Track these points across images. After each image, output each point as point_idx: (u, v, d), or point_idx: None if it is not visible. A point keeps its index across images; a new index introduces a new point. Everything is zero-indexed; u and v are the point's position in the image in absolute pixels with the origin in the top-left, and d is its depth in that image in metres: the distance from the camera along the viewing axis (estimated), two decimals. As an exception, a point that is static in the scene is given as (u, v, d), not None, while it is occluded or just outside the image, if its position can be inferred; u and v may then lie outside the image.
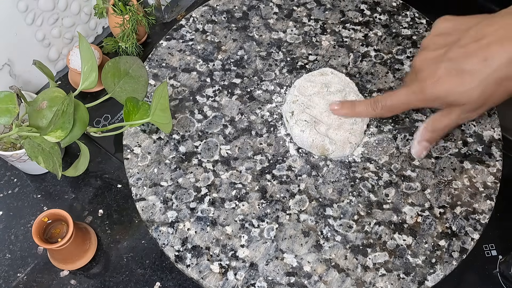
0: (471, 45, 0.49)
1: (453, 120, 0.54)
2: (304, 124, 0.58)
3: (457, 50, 0.50)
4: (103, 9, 0.76)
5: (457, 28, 0.52)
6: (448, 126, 0.55)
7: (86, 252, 0.64)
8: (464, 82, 0.49)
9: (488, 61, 0.48)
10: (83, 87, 0.60)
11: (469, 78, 0.49)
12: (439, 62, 0.51)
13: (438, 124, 0.55)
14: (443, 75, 0.50)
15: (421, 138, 0.56)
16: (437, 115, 0.55)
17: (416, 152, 0.57)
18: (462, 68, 0.49)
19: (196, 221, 0.55)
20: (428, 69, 0.51)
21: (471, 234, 0.55)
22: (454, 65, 0.50)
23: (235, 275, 0.52)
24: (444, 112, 0.54)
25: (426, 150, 0.57)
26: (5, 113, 0.58)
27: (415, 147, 0.57)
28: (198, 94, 0.63)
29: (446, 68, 0.50)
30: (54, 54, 0.76)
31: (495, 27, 0.48)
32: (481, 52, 0.48)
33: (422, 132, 0.56)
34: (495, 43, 0.48)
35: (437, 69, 0.51)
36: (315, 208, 0.56)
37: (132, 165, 0.58)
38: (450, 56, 0.50)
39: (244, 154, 0.59)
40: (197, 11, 0.69)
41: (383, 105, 0.55)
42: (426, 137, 0.56)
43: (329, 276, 0.52)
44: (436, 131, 0.55)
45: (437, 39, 0.53)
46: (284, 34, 0.67)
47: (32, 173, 0.70)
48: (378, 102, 0.56)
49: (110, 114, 0.75)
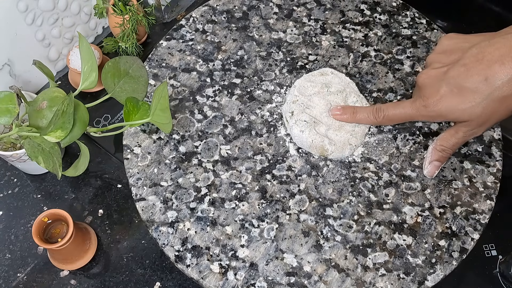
0: (472, 64, 0.50)
1: (460, 138, 0.55)
2: (304, 125, 0.58)
3: (459, 69, 0.51)
4: (103, 9, 0.76)
5: (459, 47, 0.53)
6: (457, 144, 0.56)
7: (86, 252, 0.64)
8: (465, 99, 0.50)
9: (489, 80, 0.49)
10: (83, 87, 0.60)
11: (470, 96, 0.50)
12: (441, 80, 0.52)
13: (446, 143, 0.56)
14: (445, 93, 0.52)
15: (432, 159, 0.57)
16: (445, 135, 0.56)
17: (428, 172, 0.57)
18: (464, 86, 0.50)
19: (196, 221, 0.55)
20: (430, 87, 0.53)
21: (471, 234, 0.55)
22: (456, 83, 0.51)
23: (235, 275, 0.52)
24: (451, 131, 0.55)
25: (438, 169, 0.57)
26: (5, 113, 0.58)
27: (427, 168, 0.57)
28: (198, 94, 0.63)
29: (447, 86, 0.51)
30: (54, 54, 0.76)
31: (497, 46, 0.49)
32: (483, 71, 0.49)
33: (432, 152, 0.57)
34: (496, 62, 0.49)
35: (440, 87, 0.52)
36: (315, 208, 0.56)
37: (132, 165, 0.58)
38: (452, 74, 0.51)
39: (244, 154, 0.59)
40: (197, 11, 0.69)
41: (385, 115, 0.57)
42: (436, 157, 0.57)
43: (329, 276, 0.52)
44: (445, 150, 0.56)
45: (440, 57, 0.54)
46: (284, 34, 0.67)
47: (32, 173, 0.70)
48: (380, 111, 0.57)
49: (110, 114, 0.75)
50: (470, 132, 0.54)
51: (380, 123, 0.58)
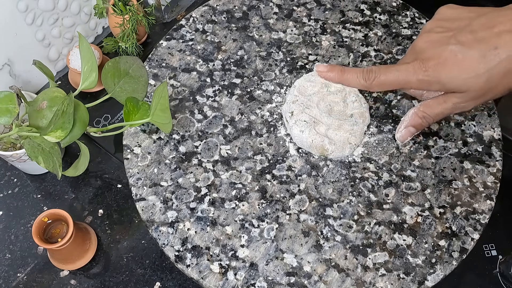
0: (482, 32, 0.47)
1: (447, 108, 0.51)
2: (304, 125, 0.58)
3: (467, 35, 0.47)
4: (103, 9, 0.76)
5: (465, 15, 0.49)
6: (441, 115, 0.52)
7: (86, 252, 0.64)
8: (469, 68, 0.47)
9: (498, 49, 0.46)
10: (83, 87, 0.60)
11: (475, 64, 0.47)
12: (446, 44, 0.48)
13: (430, 111, 0.52)
14: (449, 57, 0.48)
15: (409, 123, 0.54)
16: (431, 101, 0.52)
17: (401, 136, 0.55)
18: (471, 53, 0.47)
19: (196, 221, 0.55)
20: (432, 49, 0.49)
21: (471, 234, 0.55)
22: (462, 49, 0.47)
23: (235, 275, 0.52)
24: (440, 99, 0.52)
25: (411, 136, 0.54)
26: (5, 113, 0.58)
27: (401, 131, 0.55)
28: (198, 94, 0.63)
29: (452, 51, 0.47)
30: (54, 54, 0.76)
31: (507, 18, 0.46)
32: (492, 40, 0.46)
33: (411, 116, 0.54)
34: (506, 33, 0.46)
35: (442, 50, 0.48)
36: (315, 208, 0.56)
37: (132, 165, 0.58)
38: (459, 39, 0.47)
39: (244, 154, 0.59)
40: (197, 11, 0.69)
41: (376, 77, 0.52)
42: (414, 122, 0.53)
43: (329, 276, 0.52)
44: (426, 117, 0.53)
45: (443, 23, 0.50)
46: (284, 34, 0.67)
47: (32, 173, 0.70)
48: (371, 73, 0.52)
49: (110, 114, 0.75)
50: (460, 105, 0.50)
51: (370, 87, 0.53)
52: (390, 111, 0.62)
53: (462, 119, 0.61)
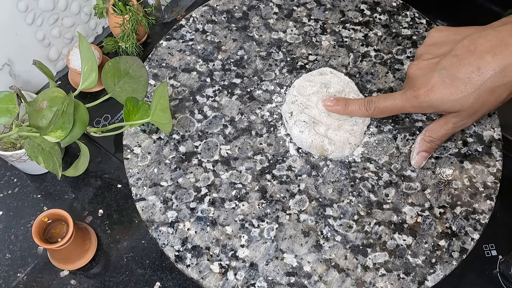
0: (464, 54, 0.50)
1: (449, 129, 0.55)
2: (303, 125, 0.58)
3: (451, 60, 0.51)
4: (103, 9, 0.76)
5: (450, 38, 0.53)
6: (446, 136, 0.56)
7: (86, 252, 0.64)
8: (457, 90, 0.50)
9: (481, 70, 0.49)
10: (83, 87, 0.61)
11: (462, 86, 0.50)
12: (433, 71, 0.52)
13: (435, 134, 0.56)
14: (436, 83, 0.51)
15: (420, 149, 0.57)
16: (434, 125, 0.56)
17: (416, 162, 0.58)
18: (456, 77, 0.50)
19: (196, 221, 0.55)
20: (422, 77, 0.52)
21: (471, 234, 0.55)
22: (448, 73, 0.51)
23: (235, 275, 0.52)
24: (441, 122, 0.55)
25: (426, 160, 0.58)
26: (5, 113, 0.58)
27: (415, 158, 0.58)
28: (198, 94, 0.63)
29: (439, 76, 0.51)
30: (54, 54, 0.76)
31: (488, 38, 0.49)
32: (475, 61, 0.49)
33: (420, 143, 0.57)
34: (488, 53, 0.49)
35: (431, 77, 0.52)
36: (315, 208, 0.56)
37: (132, 165, 0.58)
38: (444, 65, 0.51)
39: (244, 154, 0.59)
40: (197, 11, 0.69)
41: (376, 107, 0.56)
42: (424, 148, 0.57)
43: (329, 276, 0.52)
44: (433, 141, 0.56)
45: (431, 48, 0.54)
46: (284, 34, 0.67)
47: (32, 173, 0.70)
48: (371, 103, 0.56)
49: (110, 114, 0.75)
50: (459, 123, 0.54)
51: (372, 115, 0.57)
52: (390, 111, 0.62)
53: (462, 119, 0.61)
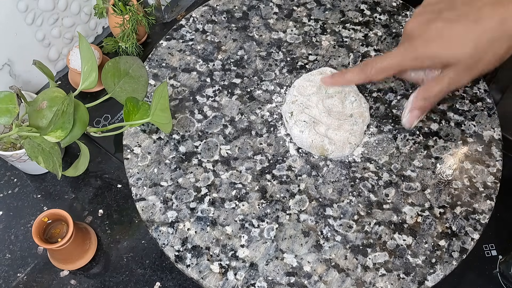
0: (463, 7, 0.50)
1: (444, 85, 0.53)
2: (303, 125, 0.58)
3: (449, 13, 0.51)
4: (103, 9, 0.76)
5: None
6: (440, 93, 0.54)
7: (86, 252, 0.64)
8: (456, 40, 0.50)
9: (480, 21, 0.49)
10: (83, 87, 0.61)
11: (461, 36, 0.50)
12: (431, 23, 0.51)
13: (430, 91, 0.54)
14: (434, 34, 0.51)
15: (413, 107, 0.55)
16: (428, 83, 0.54)
17: (407, 121, 0.56)
18: (455, 27, 0.50)
19: (196, 221, 0.55)
20: (419, 30, 0.52)
21: (471, 234, 0.55)
22: (446, 25, 0.50)
23: (235, 275, 0.52)
24: (436, 79, 0.54)
25: (418, 120, 0.56)
26: (5, 113, 0.58)
27: (406, 116, 0.56)
28: (198, 94, 0.63)
29: (437, 28, 0.51)
30: (54, 54, 0.76)
31: None
32: (473, 13, 0.49)
33: (413, 100, 0.55)
34: (486, 6, 0.49)
35: (429, 29, 0.51)
36: (315, 208, 0.56)
37: (132, 165, 0.58)
38: (444, 17, 0.51)
39: (244, 154, 0.59)
40: (197, 11, 0.69)
41: (374, 67, 0.55)
42: (417, 105, 0.55)
43: (329, 276, 0.52)
44: (428, 98, 0.55)
45: (429, 7, 0.54)
46: (284, 34, 0.67)
47: (32, 173, 0.70)
48: (368, 65, 0.55)
49: (110, 114, 0.75)
50: (456, 78, 0.52)
51: (371, 78, 0.56)
52: (390, 111, 0.62)
53: (462, 119, 0.61)
